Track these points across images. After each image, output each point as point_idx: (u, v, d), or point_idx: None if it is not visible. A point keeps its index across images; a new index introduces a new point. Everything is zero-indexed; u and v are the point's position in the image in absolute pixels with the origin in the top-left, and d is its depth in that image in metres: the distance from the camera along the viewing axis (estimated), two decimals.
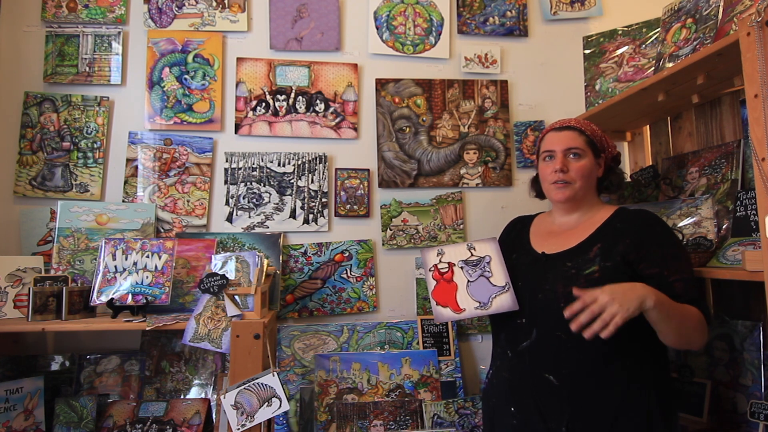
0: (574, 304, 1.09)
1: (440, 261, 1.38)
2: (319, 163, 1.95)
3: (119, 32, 1.92)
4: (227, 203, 1.90)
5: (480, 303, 1.31)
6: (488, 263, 1.35)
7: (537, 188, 1.52)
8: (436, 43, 2.06)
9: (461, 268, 1.36)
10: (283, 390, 1.37)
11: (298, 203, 1.93)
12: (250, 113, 1.95)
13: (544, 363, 1.22)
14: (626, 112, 1.77)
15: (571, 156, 1.33)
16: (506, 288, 1.30)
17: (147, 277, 1.58)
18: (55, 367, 1.73)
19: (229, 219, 1.90)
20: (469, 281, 1.34)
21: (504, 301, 1.29)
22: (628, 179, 1.92)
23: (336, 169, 1.96)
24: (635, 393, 1.17)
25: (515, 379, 1.28)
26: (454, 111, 2.04)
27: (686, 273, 1.21)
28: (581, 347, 1.15)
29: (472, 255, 1.37)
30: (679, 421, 1.25)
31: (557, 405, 1.19)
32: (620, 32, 1.86)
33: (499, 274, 1.33)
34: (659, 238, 1.23)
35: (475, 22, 2.10)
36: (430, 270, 1.38)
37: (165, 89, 1.91)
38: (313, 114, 1.97)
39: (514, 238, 1.47)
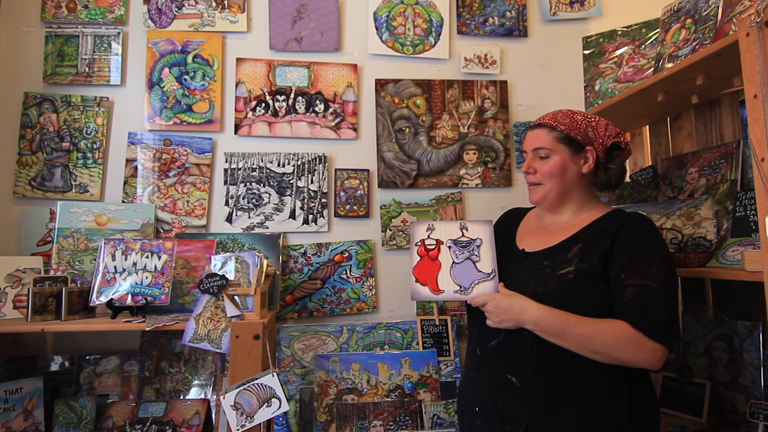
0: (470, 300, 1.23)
1: (429, 237, 1.32)
2: (319, 164, 1.95)
3: (119, 33, 1.92)
4: (227, 204, 1.90)
5: (461, 287, 1.25)
6: (478, 246, 1.28)
7: None
8: (435, 43, 2.06)
9: (449, 247, 1.30)
10: (283, 390, 1.37)
11: (298, 204, 1.93)
12: (250, 114, 1.95)
13: (507, 363, 1.19)
14: (626, 113, 1.77)
15: (538, 157, 1.28)
16: (491, 276, 1.24)
17: (146, 277, 1.58)
18: (54, 367, 1.72)
19: (229, 219, 1.90)
20: (454, 262, 1.28)
21: (486, 290, 1.22)
22: (628, 179, 1.92)
23: (336, 170, 1.96)
24: (604, 396, 1.11)
25: (479, 378, 1.25)
26: (453, 111, 2.04)
27: (649, 280, 1.10)
28: (547, 348, 1.12)
29: (462, 235, 1.30)
30: (660, 424, 1.19)
31: (518, 408, 1.15)
32: (620, 33, 1.86)
33: (486, 260, 1.26)
34: (636, 241, 1.15)
35: (475, 23, 2.10)
36: (416, 244, 1.32)
37: (164, 90, 1.91)
38: (313, 114, 1.97)
39: (505, 230, 1.42)
